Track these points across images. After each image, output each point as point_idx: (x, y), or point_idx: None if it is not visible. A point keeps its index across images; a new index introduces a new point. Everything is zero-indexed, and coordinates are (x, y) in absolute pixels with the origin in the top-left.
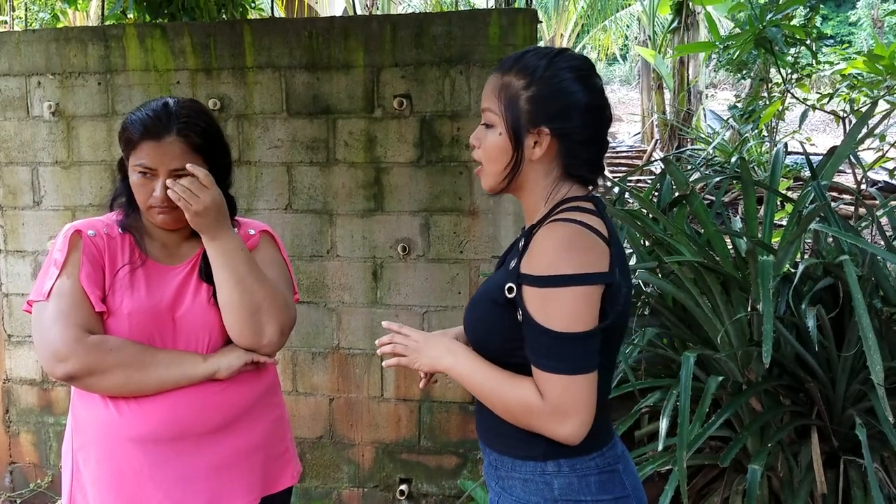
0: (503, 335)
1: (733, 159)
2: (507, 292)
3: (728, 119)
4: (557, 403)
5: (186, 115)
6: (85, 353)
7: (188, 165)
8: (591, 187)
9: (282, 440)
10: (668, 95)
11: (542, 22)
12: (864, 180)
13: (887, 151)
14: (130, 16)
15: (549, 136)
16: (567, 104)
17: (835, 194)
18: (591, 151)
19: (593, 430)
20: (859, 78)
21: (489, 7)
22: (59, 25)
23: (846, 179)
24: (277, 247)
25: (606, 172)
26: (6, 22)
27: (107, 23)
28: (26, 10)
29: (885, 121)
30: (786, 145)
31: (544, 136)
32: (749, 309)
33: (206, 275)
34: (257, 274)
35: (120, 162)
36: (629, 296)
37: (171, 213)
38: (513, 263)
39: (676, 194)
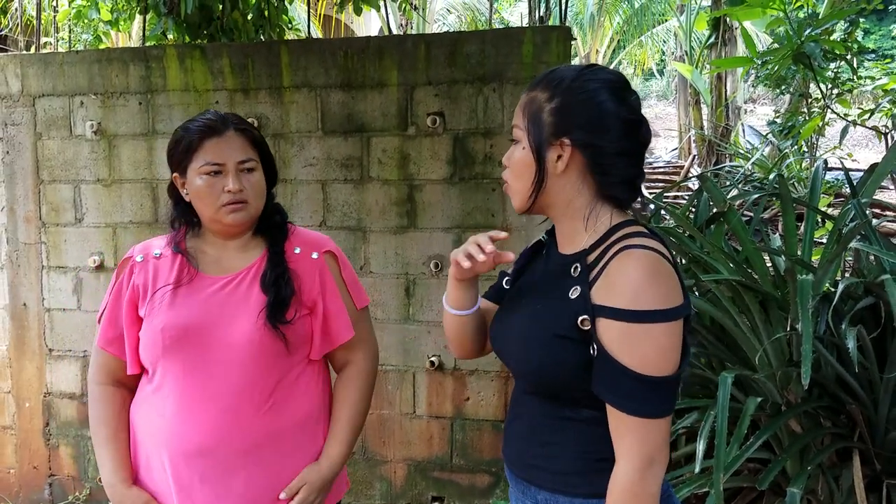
0: (576, 369)
1: (772, 176)
2: (580, 325)
3: (767, 134)
4: (648, 449)
5: (235, 117)
6: (90, 398)
7: None
8: (629, 211)
9: None
10: (705, 111)
11: (576, 39)
12: None
13: None
14: (170, 37)
15: (571, 146)
16: (594, 115)
17: (877, 211)
18: (624, 168)
19: None
20: None
21: (523, 25)
22: (102, 46)
23: (888, 196)
24: (339, 266)
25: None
26: (50, 43)
27: (147, 44)
28: (70, 31)
29: None
30: (826, 161)
31: (566, 147)
32: (788, 328)
33: (264, 284)
34: (353, 423)
35: (170, 186)
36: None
37: (244, 209)
38: (574, 292)
39: (714, 211)
